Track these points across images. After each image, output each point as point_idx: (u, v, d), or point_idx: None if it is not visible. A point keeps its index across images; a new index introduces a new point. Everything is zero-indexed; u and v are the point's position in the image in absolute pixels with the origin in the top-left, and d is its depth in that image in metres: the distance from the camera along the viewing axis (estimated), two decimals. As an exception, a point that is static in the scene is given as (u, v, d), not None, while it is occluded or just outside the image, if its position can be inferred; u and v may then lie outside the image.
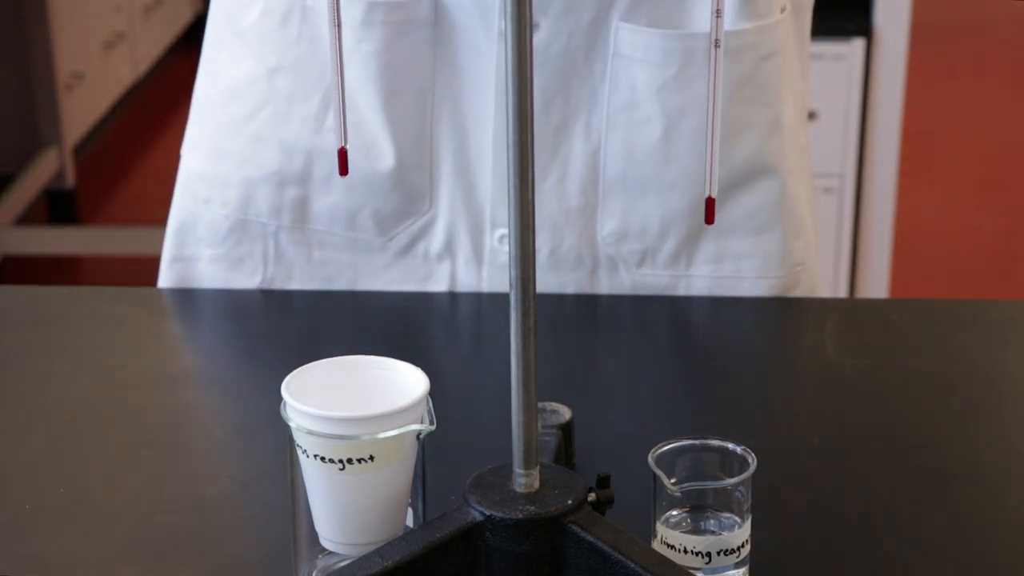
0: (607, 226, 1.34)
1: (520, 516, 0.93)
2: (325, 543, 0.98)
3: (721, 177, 1.32)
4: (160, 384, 1.26)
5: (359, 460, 0.93)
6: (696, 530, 0.98)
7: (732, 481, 0.97)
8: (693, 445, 0.99)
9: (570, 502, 0.94)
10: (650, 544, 0.97)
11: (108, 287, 1.46)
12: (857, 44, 2.78)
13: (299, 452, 0.95)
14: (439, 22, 1.29)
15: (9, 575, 1.02)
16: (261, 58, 1.34)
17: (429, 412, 0.96)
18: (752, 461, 0.97)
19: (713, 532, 0.98)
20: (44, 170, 3.84)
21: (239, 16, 1.35)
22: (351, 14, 1.28)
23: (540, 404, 1.02)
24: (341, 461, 0.93)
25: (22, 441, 1.18)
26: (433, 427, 0.95)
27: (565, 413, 1.09)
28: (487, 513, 0.94)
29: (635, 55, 1.29)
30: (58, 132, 3.90)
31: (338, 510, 0.96)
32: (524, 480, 0.95)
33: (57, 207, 3.98)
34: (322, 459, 0.94)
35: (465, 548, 0.94)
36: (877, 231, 2.91)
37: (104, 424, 1.20)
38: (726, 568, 0.97)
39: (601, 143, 1.32)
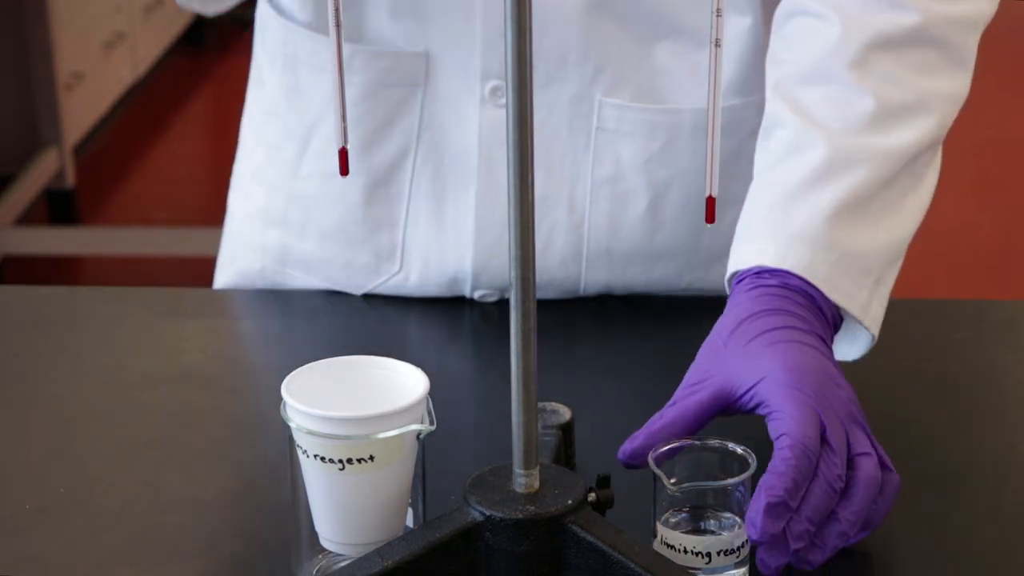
0: (589, 293, 1.34)
1: (520, 516, 0.93)
2: (325, 543, 0.98)
3: (705, 248, 1.33)
4: (160, 384, 1.26)
5: (359, 460, 0.93)
6: (696, 530, 0.98)
7: (732, 481, 0.97)
8: (693, 445, 0.99)
9: (570, 502, 0.94)
10: (650, 544, 0.97)
11: (108, 287, 1.46)
12: (857, 44, 2.77)
13: (299, 452, 0.95)
14: (427, 82, 1.28)
15: (9, 575, 1.02)
16: (260, 99, 1.37)
17: (429, 412, 0.96)
18: (752, 461, 0.98)
19: (713, 532, 0.98)
20: (44, 170, 3.84)
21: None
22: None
23: (540, 404, 1.02)
24: (341, 461, 0.93)
25: (22, 441, 1.18)
26: (433, 427, 0.95)
27: (565, 413, 1.09)
28: (487, 513, 0.94)
29: (620, 128, 1.28)
30: (58, 132, 3.90)
31: (338, 510, 0.96)
32: (524, 480, 0.95)
33: (57, 207, 3.98)
34: (322, 459, 0.94)
35: (465, 548, 0.94)
36: (877, 231, 2.90)
37: (104, 424, 1.20)
38: (726, 568, 0.97)
39: (585, 216, 1.31)
